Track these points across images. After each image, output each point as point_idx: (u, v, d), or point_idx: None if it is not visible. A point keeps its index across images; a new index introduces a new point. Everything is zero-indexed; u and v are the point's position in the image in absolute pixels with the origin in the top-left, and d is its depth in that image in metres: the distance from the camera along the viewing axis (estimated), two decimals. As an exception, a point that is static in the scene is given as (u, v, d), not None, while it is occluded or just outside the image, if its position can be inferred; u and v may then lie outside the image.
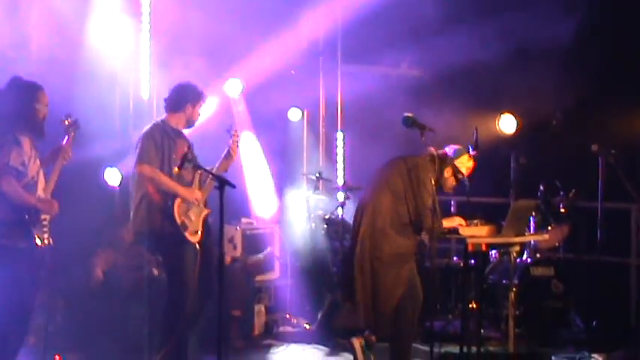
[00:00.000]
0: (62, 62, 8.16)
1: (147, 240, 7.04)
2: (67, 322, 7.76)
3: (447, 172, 6.96)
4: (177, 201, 6.84)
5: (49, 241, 6.22)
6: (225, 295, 6.71)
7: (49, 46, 8.33)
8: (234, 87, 9.64)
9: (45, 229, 6.19)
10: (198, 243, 7.00)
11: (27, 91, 6.26)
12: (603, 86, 10.05)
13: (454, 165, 6.96)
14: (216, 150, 7.25)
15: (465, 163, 7.01)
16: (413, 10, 10.03)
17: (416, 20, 10.14)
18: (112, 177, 8.80)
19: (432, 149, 6.94)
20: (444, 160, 6.94)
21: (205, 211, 7.07)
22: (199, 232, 7.00)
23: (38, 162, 6.26)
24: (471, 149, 7.07)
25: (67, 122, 6.46)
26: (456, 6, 10.05)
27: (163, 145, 6.90)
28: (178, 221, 6.81)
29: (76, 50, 8.55)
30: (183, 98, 7.10)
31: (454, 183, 7.03)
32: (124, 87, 9.06)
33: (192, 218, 6.93)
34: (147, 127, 7.08)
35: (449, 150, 7.02)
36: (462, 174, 6.98)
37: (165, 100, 7.16)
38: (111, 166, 8.74)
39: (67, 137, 6.44)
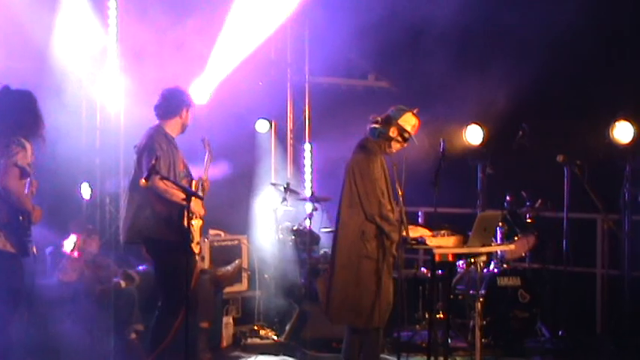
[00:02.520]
0: (26, 74, 8.09)
1: (148, 247, 6.92)
2: (32, 333, 7.67)
3: (393, 132, 6.94)
4: (184, 212, 6.63)
5: (34, 251, 6.16)
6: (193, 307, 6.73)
7: (12, 58, 8.27)
8: (201, 93, 9.46)
9: (30, 239, 6.11)
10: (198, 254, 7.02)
11: (26, 99, 6.19)
12: (569, 97, 10.14)
13: (398, 124, 6.95)
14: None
15: (409, 121, 6.99)
16: (381, 21, 10.09)
17: (384, 32, 10.18)
18: (85, 191, 8.81)
19: (375, 116, 6.99)
20: (388, 121, 6.96)
21: (201, 223, 7.06)
22: (199, 244, 7.00)
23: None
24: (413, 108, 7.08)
25: None
26: (421, 17, 10.08)
27: (168, 152, 6.76)
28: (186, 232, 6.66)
29: (41, 62, 8.49)
30: (180, 102, 6.95)
31: (402, 143, 7.00)
32: (91, 99, 9.03)
33: (193, 230, 6.88)
34: (150, 134, 6.85)
35: (391, 111, 7.03)
36: (409, 132, 6.96)
37: (157, 107, 6.96)
38: (84, 181, 8.75)
39: None
